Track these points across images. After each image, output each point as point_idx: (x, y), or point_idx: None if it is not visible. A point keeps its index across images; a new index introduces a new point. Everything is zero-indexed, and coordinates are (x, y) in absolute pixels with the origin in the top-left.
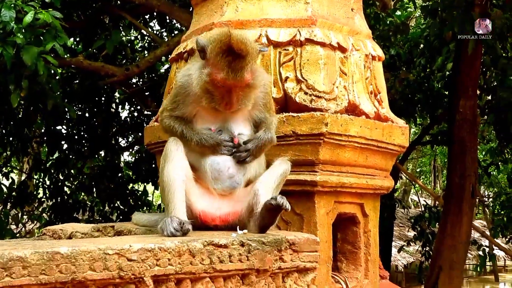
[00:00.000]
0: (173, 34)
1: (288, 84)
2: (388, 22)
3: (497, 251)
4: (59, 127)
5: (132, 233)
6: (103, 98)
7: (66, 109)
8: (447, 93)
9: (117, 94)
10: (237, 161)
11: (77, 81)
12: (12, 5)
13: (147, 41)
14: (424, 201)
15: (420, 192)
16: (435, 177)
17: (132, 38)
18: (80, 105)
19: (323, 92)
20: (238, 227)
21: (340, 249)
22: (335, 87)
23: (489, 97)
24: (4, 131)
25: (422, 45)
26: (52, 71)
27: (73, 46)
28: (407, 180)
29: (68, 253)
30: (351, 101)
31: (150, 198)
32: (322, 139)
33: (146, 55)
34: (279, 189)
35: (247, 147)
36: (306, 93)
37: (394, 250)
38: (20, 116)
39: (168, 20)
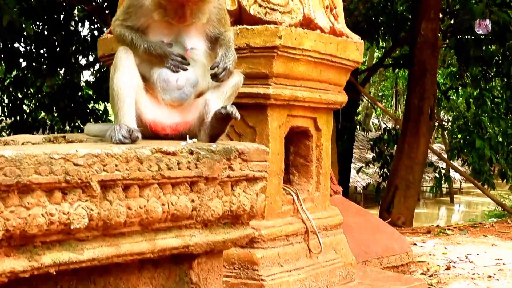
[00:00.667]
0: None
1: None
2: None
3: (453, 174)
4: (16, 45)
5: (82, 142)
6: (62, 15)
7: (23, 25)
8: (410, 16)
9: (76, 12)
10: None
11: None
12: None
13: None
14: (385, 124)
15: (381, 116)
16: (397, 101)
17: None
18: (38, 22)
19: (277, 5)
20: (188, 136)
21: (292, 162)
22: (290, 0)
23: (451, 21)
24: None
25: None
26: None
27: None
28: (369, 104)
29: (12, 156)
30: (306, 15)
31: (111, 118)
32: (275, 52)
33: None
34: (231, 100)
35: (225, 65)
36: (260, 6)
37: (353, 172)
38: None
39: None
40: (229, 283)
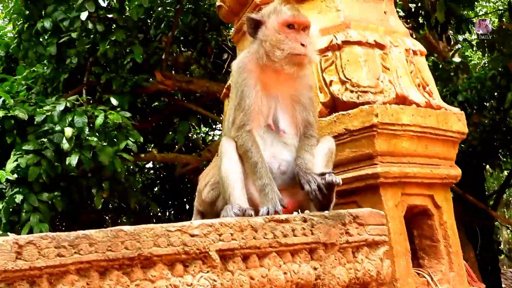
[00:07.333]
0: None
1: (333, 87)
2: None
3: None
4: None
5: None
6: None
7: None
8: None
9: None
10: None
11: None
12: (83, 111)
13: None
14: None
15: None
16: None
17: (203, 134)
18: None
19: (368, 87)
20: (299, 210)
21: (419, 246)
22: (379, 82)
23: None
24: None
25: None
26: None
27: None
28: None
29: (131, 230)
30: (399, 94)
31: None
32: (375, 130)
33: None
34: (329, 166)
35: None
36: (352, 91)
37: None
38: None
39: None
40: None
